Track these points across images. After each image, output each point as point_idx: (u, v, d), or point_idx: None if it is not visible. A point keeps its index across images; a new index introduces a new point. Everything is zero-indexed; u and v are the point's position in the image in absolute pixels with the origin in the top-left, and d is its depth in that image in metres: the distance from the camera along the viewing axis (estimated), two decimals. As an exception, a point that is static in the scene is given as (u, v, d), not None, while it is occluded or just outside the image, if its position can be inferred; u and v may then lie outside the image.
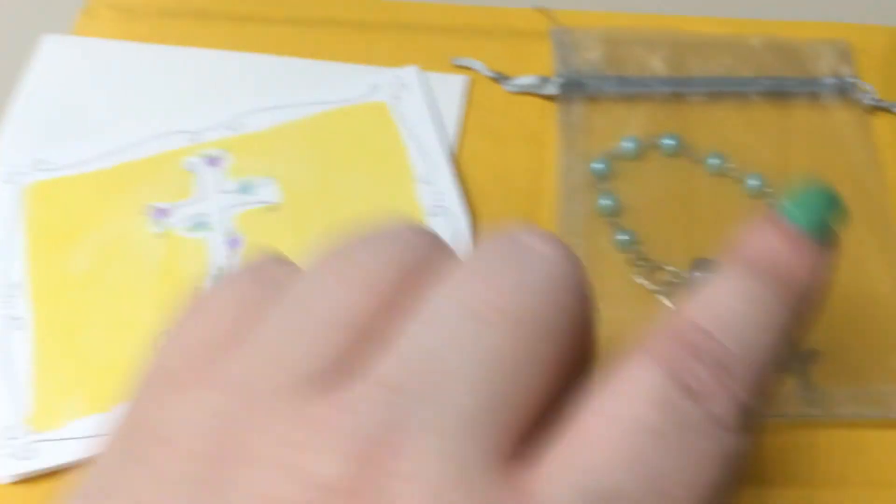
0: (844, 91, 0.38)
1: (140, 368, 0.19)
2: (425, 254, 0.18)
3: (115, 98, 0.38)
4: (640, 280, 0.33)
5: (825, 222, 0.20)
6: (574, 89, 0.38)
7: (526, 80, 0.38)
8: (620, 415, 0.15)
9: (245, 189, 0.35)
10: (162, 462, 0.16)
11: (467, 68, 0.39)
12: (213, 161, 0.35)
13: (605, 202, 0.34)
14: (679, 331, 0.16)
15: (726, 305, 0.17)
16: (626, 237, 0.34)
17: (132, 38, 0.39)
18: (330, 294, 0.17)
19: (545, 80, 0.38)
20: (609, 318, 0.32)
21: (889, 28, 0.40)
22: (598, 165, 0.35)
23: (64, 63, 0.39)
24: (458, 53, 0.39)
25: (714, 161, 0.36)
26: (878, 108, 0.38)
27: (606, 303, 0.33)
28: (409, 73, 0.38)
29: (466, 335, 0.16)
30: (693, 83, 0.38)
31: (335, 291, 0.17)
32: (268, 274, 0.19)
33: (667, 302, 0.33)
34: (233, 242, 0.33)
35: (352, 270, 0.17)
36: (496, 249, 0.17)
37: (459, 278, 0.17)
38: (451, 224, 0.33)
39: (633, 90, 0.38)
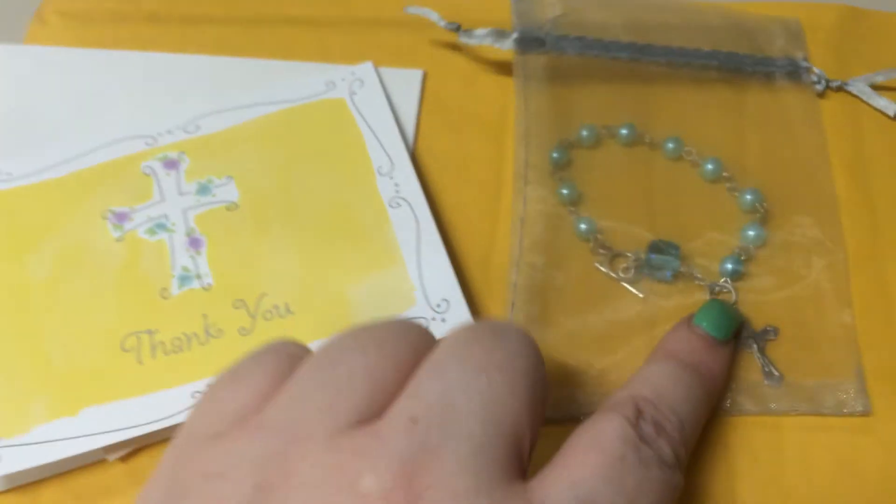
0: (796, 74, 0.38)
1: (176, 434, 0.22)
2: (423, 334, 0.23)
3: (70, 105, 0.38)
4: (603, 268, 0.33)
5: (726, 331, 0.29)
6: (532, 45, 0.37)
7: (483, 32, 0.38)
8: (598, 447, 0.22)
9: (204, 190, 0.35)
10: (216, 493, 0.19)
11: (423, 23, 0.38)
12: (171, 164, 0.35)
13: (564, 191, 0.35)
14: (632, 398, 0.25)
15: (662, 384, 0.26)
16: (587, 226, 0.34)
17: (84, 45, 0.39)
18: (350, 356, 0.22)
19: (502, 32, 0.38)
20: (574, 309, 0.32)
21: (838, 5, 0.41)
22: (555, 154, 0.36)
23: (16, 72, 0.39)
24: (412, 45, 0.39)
25: (671, 146, 0.36)
26: (829, 89, 0.38)
27: (570, 293, 0.33)
28: (365, 69, 0.38)
29: (470, 381, 0.21)
30: (652, 51, 0.38)
31: (354, 353, 0.22)
32: (287, 351, 0.23)
33: (630, 289, 0.33)
34: (194, 242, 0.33)
35: (366, 341, 0.22)
36: (477, 327, 0.23)
37: (456, 344, 0.22)
38: (412, 215, 0.33)
39: (592, 52, 0.38)
